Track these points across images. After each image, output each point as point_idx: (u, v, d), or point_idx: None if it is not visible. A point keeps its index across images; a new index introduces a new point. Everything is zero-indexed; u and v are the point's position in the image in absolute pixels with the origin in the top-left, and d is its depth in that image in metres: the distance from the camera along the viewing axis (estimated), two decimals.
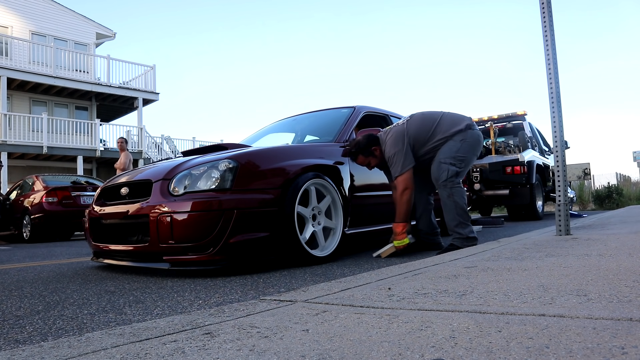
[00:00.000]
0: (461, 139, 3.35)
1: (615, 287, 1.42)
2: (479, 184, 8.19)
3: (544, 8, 3.46)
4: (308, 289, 1.72)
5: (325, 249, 3.13)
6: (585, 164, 11.77)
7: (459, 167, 3.31)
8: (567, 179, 3.59)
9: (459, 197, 3.26)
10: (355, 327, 1.13)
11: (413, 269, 2.05)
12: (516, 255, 2.39)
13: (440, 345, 0.94)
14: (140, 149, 17.03)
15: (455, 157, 3.30)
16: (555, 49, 3.47)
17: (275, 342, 1.03)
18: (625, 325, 0.99)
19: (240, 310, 1.42)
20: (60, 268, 3.50)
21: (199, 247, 2.61)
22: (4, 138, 14.30)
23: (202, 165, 2.78)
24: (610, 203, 17.03)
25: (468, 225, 3.30)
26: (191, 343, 1.07)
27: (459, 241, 3.25)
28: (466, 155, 3.36)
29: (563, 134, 3.45)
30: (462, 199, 3.28)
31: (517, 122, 9.21)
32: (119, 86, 17.20)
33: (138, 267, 3.14)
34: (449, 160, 3.28)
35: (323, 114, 4.52)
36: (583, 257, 2.14)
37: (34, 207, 8.54)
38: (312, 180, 3.07)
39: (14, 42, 15.94)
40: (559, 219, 3.48)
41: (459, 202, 3.25)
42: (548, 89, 3.47)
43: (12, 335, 1.49)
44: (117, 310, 1.82)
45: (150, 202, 2.71)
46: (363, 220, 3.66)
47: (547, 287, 1.48)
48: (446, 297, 1.41)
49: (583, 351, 0.85)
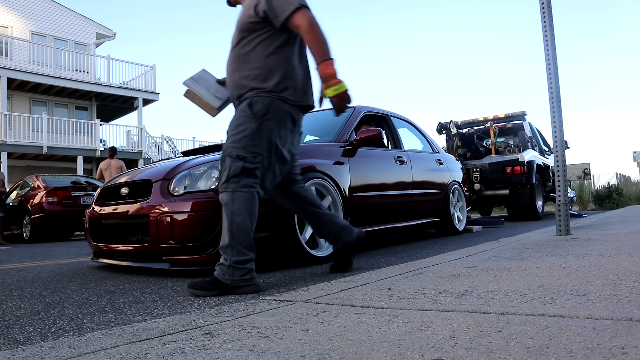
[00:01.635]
0: (264, 112, 2.11)
1: (615, 287, 1.42)
2: (479, 184, 8.19)
3: (544, 8, 3.46)
4: (308, 289, 1.72)
5: (325, 249, 3.13)
6: (585, 164, 11.78)
7: (251, 163, 2.08)
8: (567, 179, 3.59)
9: (241, 207, 2.05)
10: (355, 327, 1.13)
11: (413, 269, 2.05)
12: (516, 255, 2.39)
13: (440, 345, 0.94)
14: (140, 149, 17.02)
15: (246, 147, 2.08)
16: (555, 49, 3.47)
17: (275, 342, 1.03)
18: (625, 325, 0.99)
19: (240, 310, 1.42)
20: (60, 268, 3.50)
21: (199, 247, 2.61)
22: (4, 138, 14.29)
23: (202, 165, 2.77)
24: (610, 203, 17.03)
25: (245, 254, 2.05)
26: (191, 343, 1.07)
27: (221, 272, 2.04)
28: (262, 144, 2.10)
29: (563, 134, 3.45)
30: (245, 213, 2.06)
31: (517, 122, 9.21)
32: (119, 86, 17.19)
33: (138, 267, 3.14)
34: (234, 150, 2.09)
35: (323, 114, 4.52)
36: (583, 257, 2.14)
37: (34, 207, 8.54)
38: (312, 180, 3.07)
39: (14, 42, 15.93)
40: (559, 219, 3.48)
41: (237, 216, 2.04)
42: (548, 89, 3.47)
43: (12, 335, 1.49)
44: (117, 310, 1.82)
45: (150, 202, 2.71)
46: (363, 220, 3.65)
47: (547, 287, 1.48)
48: (446, 297, 1.41)
49: (583, 351, 0.85)
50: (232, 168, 2.07)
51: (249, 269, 2.07)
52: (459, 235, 5.09)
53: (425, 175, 4.65)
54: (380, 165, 4.01)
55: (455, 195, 5.23)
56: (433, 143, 5.39)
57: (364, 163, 3.74)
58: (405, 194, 4.28)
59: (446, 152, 6.66)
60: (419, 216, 4.55)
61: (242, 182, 2.06)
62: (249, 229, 2.09)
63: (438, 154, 5.24)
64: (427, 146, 5.28)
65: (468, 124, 9.47)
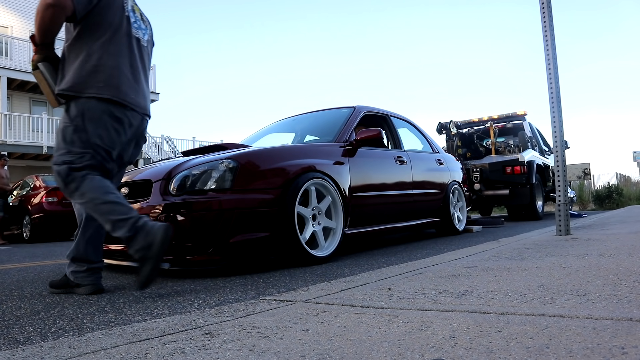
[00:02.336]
0: (76, 113, 2.06)
1: (615, 287, 1.42)
2: (479, 184, 8.19)
3: (544, 8, 3.46)
4: (308, 289, 1.72)
5: (325, 249, 3.13)
6: (585, 164, 11.76)
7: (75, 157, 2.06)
8: (567, 179, 3.59)
9: (94, 192, 2.02)
10: (355, 327, 1.13)
11: (413, 269, 2.05)
12: (516, 255, 2.39)
13: (440, 345, 0.94)
14: None
15: (71, 151, 2.07)
16: (555, 49, 3.47)
17: (275, 342, 1.03)
18: (625, 325, 0.99)
19: (240, 310, 1.42)
20: (60, 268, 3.50)
21: (199, 247, 2.61)
22: (4, 138, 14.29)
23: (202, 165, 2.78)
24: (610, 203, 17.02)
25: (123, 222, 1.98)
26: (191, 343, 1.07)
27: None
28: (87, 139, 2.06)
29: (563, 134, 3.45)
30: (98, 192, 2.02)
31: (517, 122, 9.21)
32: None
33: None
34: (60, 157, 2.08)
35: (323, 114, 4.52)
36: (583, 257, 2.14)
37: (34, 207, 8.54)
38: (312, 180, 3.07)
39: (14, 42, 15.93)
40: (559, 219, 3.48)
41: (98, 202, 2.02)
42: (548, 89, 3.47)
43: (12, 335, 1.49)
44: (117, 310, 1.82)
45: (150, 202, 2.71)
46: (363, 220, 3.65)
47: (547, 287, 1.48)
48: (446, 297, 1.41)
49: (583, 351, 0.85)
50: (63, 174, 2.06)
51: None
52: (459, 235, 5.09)
53: (425, 175, 4.65)
54: (381, 165, 4.01)
55: (455, 195, 5.23)
56: (433, 143, 5.39)
57: (364, 163, 3.74)
58: (405, 194, 4.28)
59: (446, 152, 6.66)
60: (419, 216, 4.55)
61: (77, 177, 2.04)
62: (111, 202, 2.02)
63: (438, 154, 5.24)
64: (427, 146, 5.28)
65: (468, 124, 9.47)
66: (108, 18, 2.12)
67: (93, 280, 2.21)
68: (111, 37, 2.13)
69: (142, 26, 2.32)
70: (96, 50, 2.10)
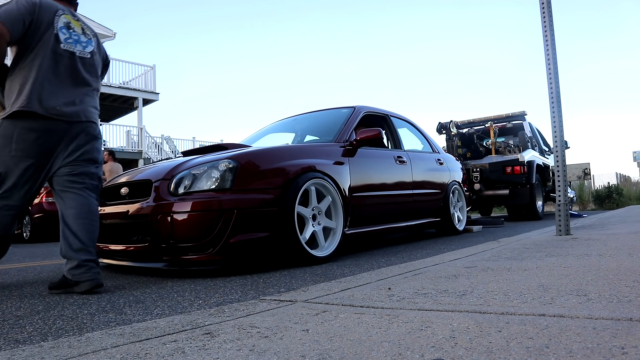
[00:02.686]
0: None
1: (615, 287, 1.42)
2: (479, 184, 8.19)
3: (544, 8, 3.46)
4: (308, 289, 1.72)
5: (325, 249, 3.13)
6: (585, 164, 11.77)
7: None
8: (567, 179, 3.59)
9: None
10: (355, 327, 1.13)
11: (413, 269, 2.05)
12: (516, 255, 2.39)
13: (440, 345, 0.94)
14: (140, 149, 17.03)
15: None
16: (555, 49, 3.47)
17: (275, 342, 1.03)
18: (625, 325, 0.99)
19: (240, 310, 1.42)
20: (60, 268, 3.50)
21: (199, 247, 2.61)
22: None
23: (202, 165, 2.78)
24: (610, 203, 17.02)
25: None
26: (191, 343, 1.07)
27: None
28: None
29: (563, 134, 3.45)
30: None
31: (517, 122, 9.21)
32: (119, 86, 17.20)
33: (138, 267, 3.14)
34: None
35: (323, 114, 4.52)
36: (583, 257, 2.14)
37: (34, 207, 8.53)
38: (312, 180, 3.07)
39: None
40: (559, 219, 3.48)
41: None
42: (548, 89, 3.47)
43: (12, 335, 1.49)
44: (117, 310, 1.82)
45: (150, 202, 2.71)
46: (363, 220, 3.65)
47: (547, 287, 1.48)
48: (446, 297, 1.41)
49: (583, 351, 0.85)
50: None
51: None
52: (459, 235, 5.09)
53: (425, 175, 4.65)
54: (381, 165, 4.02)
55: (455, 195, 5.24)
56: (433, 143, 5.39)
57: (364, 163, 3.74)
58: (405, 194, 4.29)
59: (446, 152, 6.66)
60: (419, 216, 4.55)
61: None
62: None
63: (438, 154, 5.24)
64: (427, 146, 5.28)
65: (468, 124, 9.47)
66: (35, 38, 2.26)
67: (91, 275, 2.23)
68: (36, 55, 2.26)
69: (82, 39, 2.45)
70: (24, 67, 2.26)
